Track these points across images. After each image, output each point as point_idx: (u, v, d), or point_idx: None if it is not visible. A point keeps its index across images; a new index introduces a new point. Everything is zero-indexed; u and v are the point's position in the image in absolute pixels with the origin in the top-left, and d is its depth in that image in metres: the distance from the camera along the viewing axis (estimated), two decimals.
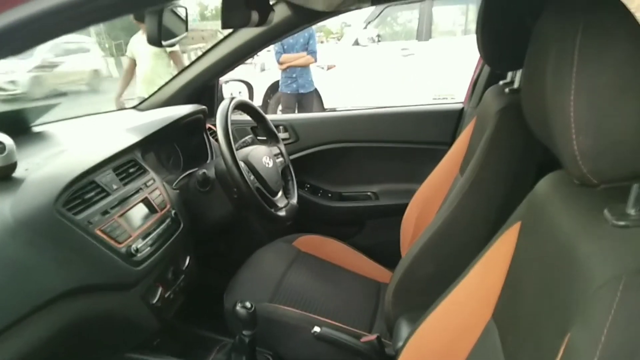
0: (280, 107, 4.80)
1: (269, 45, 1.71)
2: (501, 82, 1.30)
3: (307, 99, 4.37)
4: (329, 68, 5.64)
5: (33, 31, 0.57)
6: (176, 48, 3.51)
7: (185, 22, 1.07)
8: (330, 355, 1.27)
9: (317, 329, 1.23)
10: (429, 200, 1.51)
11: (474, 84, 1.81)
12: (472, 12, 5.93)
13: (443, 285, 0.98)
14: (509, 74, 1.30)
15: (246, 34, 1.59)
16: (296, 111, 4.37)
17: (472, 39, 1.23)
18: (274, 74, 5.17)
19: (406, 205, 1.59)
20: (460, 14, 6.19)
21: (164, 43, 0.94)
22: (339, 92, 5.71)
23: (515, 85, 1.19)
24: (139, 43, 3.49)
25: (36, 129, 1.37)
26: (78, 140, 1.28)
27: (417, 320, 1.14)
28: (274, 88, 5.27)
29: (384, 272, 1.65)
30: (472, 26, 5.96)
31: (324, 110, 5.58)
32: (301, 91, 4.28)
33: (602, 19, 0.51)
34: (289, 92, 4.29)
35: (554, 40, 0.58)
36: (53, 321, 0.90)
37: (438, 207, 1.48)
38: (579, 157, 0.53)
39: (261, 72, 5.71)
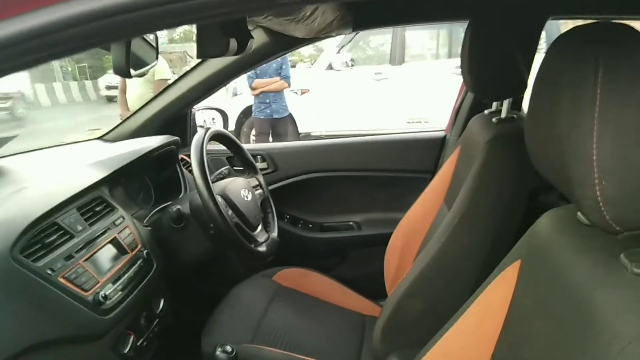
0: (253, 133, 4.74)
1: (245, 73, 1.66)
2: (486, 112, 1.28)
3: (282, 124, 4.33)
4: (302, 93, 5.63)
5: None
6: (167, 76, 3.26)
7: (156, 49, 1.00)
8: None
9: None
10: (414, 230, 1.47)
11: (457, 112, 1.78)
12: (442, 37, 6.05)
13: (434, 322, 0.93)
14: (494, 103, 1.28)
15: (220, 61, 1.53)
16: (270, 137, 4.32)
17: (444, 63, 1.21)
18: (247, 99, 5.13)
19: (390, 234, 1.54)
20: (429, 39, 6.30)
21: (133, 73, 0.88)
22: (313, 116, 5.69)
23: (503, 115, 1.17)
24: None
25: None
26: (37, 176, 1.18)
27: (407, 359, 1.08)
28: (246, 113, 5.22)
29: (368, 304, 1.59)
30: (442, 50, 6.10)
31: (298, 135, 5.54)
32: (275, 116, 4.23)
33: (623, 53, 0.48)
34: (262, 117, 4.24)
35: (569, 78, 0.54)
36: None
37: (423, 237, 1.44)
38: (602, 204, 0.49)
39: (233, 97, 5.66)
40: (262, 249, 1.36)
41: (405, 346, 1.13)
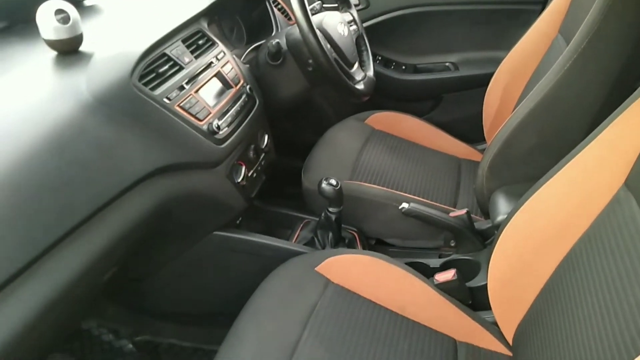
0: None
1: None
2: None
3: None
4: None
5: None
6: None
7: None
8: (415, 230, 1.24)
9: (405, 205, 1.18)
10: (519, 68, 1.36)
11: None
12: None
13: (548, 156, 0.89)
14: None
15: None
16: None
17: None
18: None
19: (489, 75, 1.45)
20: None
21: None
22: None
23: None
24: None
25: (86, 3, 1.26)
26: (135, 11, 1.17)
27: (516, 194, 1.07)
28: None
29: (464, 147, 1.56)
30: None
31: None
32: None
33: None
34: None
35: None
36: (144, 201, 0.87)
37: (531, 73, 1.34)
38: None
39: None
40: (360, 87, 1.33)
41: (513, 182, 1.11)
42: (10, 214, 0.66)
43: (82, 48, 0.93)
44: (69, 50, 0.91)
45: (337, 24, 1.30)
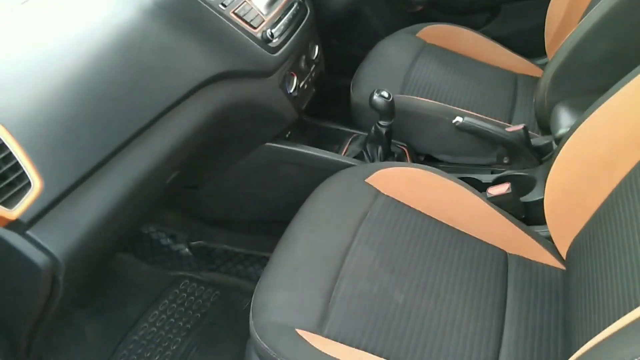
0: None
1: None
2: None
3: None
4: None
5: None
6: None
7: None
8: (467, 145, 1.21)
9: (459, 118, 1.15)
10: None
11: None
12: None
13: (618, 66, 0.83)
14: None
15: None
16: None
17: None
18: None
19: None
20: None
21: None
22: None
23: None
24: None
25: None
26: None
27: (579, 106, 1.02)
28: None
29: (521, 62, 1.48)
30: None
31: None
32: None
33: None
34: None
35: None
36: (203, 107, 0.89)
37: None
38: None
39: None
40: None
41: (577, 94, 1.06)
42: (83, 116, 0.69)
43: None
44: None
45: None
